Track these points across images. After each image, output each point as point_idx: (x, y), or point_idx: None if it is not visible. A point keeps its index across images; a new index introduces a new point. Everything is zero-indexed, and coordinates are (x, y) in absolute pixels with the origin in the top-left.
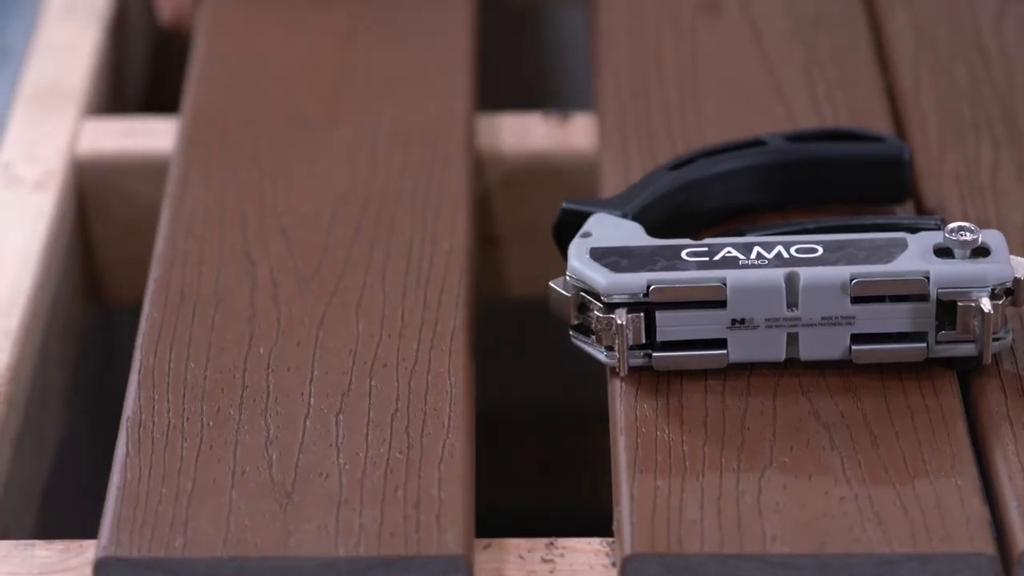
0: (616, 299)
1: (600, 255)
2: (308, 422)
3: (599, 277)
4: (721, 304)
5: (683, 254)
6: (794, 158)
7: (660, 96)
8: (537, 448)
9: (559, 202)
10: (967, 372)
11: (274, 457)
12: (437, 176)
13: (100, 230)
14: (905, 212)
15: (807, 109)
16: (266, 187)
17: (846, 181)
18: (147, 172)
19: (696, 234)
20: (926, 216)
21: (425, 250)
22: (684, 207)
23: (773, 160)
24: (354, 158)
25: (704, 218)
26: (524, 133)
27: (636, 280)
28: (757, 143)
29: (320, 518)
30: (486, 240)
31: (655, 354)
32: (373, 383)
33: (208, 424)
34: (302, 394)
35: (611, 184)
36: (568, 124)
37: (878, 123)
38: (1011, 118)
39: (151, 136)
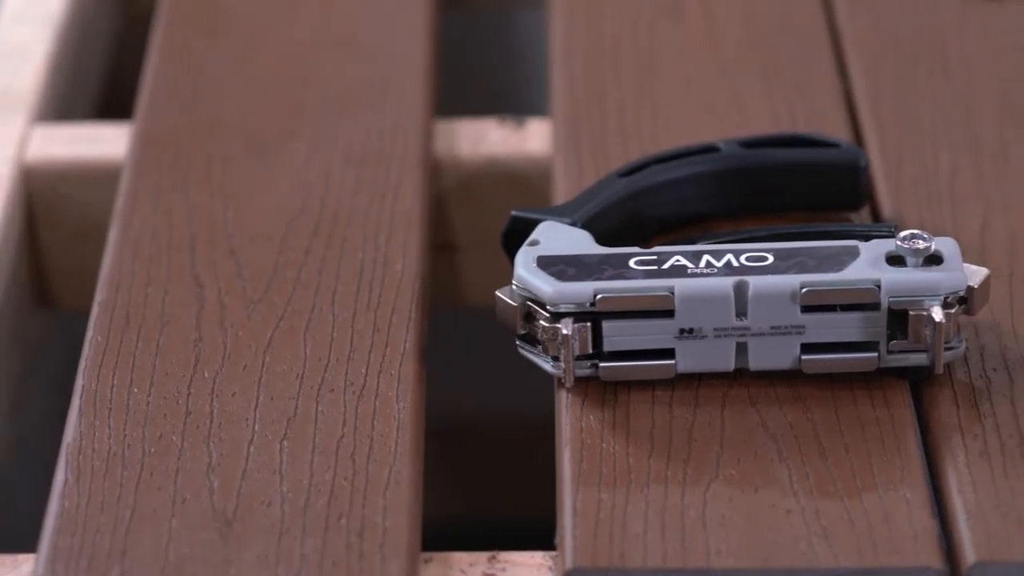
0: (562, 308)
1: (547, 263)
2: (252, 448)
3: (545, 286)
4: (669, 313)
5: (631, 263)
6: (748, 165)
7: (616, 100)
8: (490, 457)
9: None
10: (919, 382)
11: (216, 484)
12: (391, 195)
13: (49, 237)
14: (861, 219)
15: (764, 115)
16: (216, 207)
17: (801, 188)
18: (97, 179)
19: (648, 242)
20: (880, 223)
21: (376, 271)
22: (635, 214)
23: (726, 167)
24: (307, 177)
25: (656, 226)
26: (479, 139)
27: (583, 289)
28: (710, 149)
29: (261, 547)
30: (442, 247)
31: (602, 364)
32: (320, 408)
33: (150, 451)
34: (247, 420)
35: (564, 189)
36: (523, 129)
37: (836, 129)
38: (971, 124)
39: (101, 143)
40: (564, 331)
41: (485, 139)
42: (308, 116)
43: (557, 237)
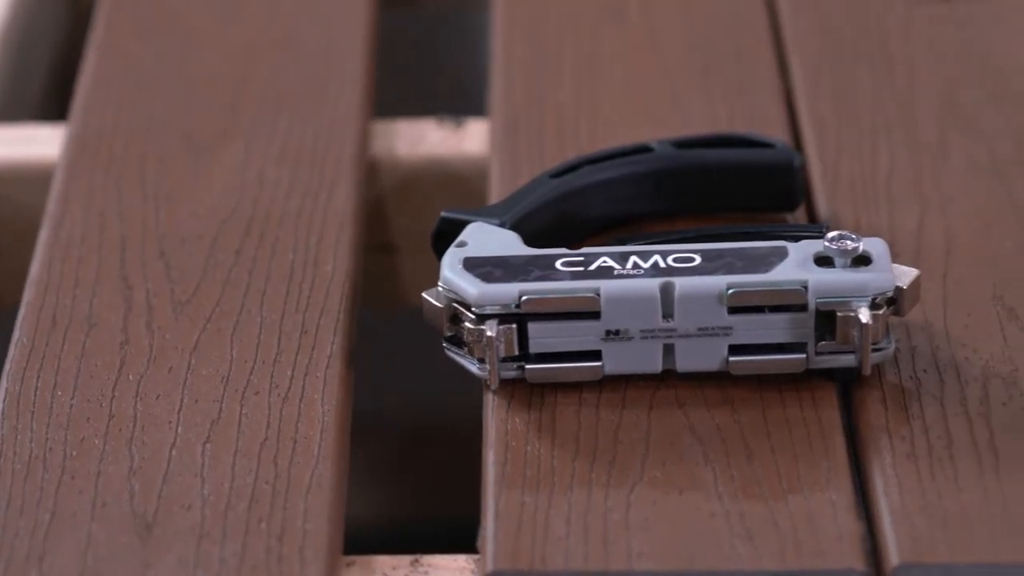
0: (488, 310)
1: (473, 265)
2: (174, 451)
3: (470, 287)
4: (595, 315)
5: (558, 264)
6: (681, 165)
7: (554, 101)
8: (423, 459)
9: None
10: (850, 383)
11: (136, 488)
12: (324, 196)
13: None
14: (797, 220)
15: (703, 115)
16: (149, 208)
17: (736, 188)
18: (35, 181)
19: (580, 243)
20: (813, 224)
21: (307, 273)
22: (567, 216)
23: (659, 167)
24: (242, 178)
25: (588, 227)
26: (418, 139)
27: (508, 290)
28: (643, 150)
29: (180, 551)
30: (382, 248)
31: (528, 366)
32: (244, 411)
33: (71, 454)
34: (170, 422)
35: (499, 191)
36: (462, 130)
37: (775, 129)
38: (911, 124)
39: (39, 144)
40: (488, 333)
41: (424, 140)
42: (245, 116)
43: (485, 238)
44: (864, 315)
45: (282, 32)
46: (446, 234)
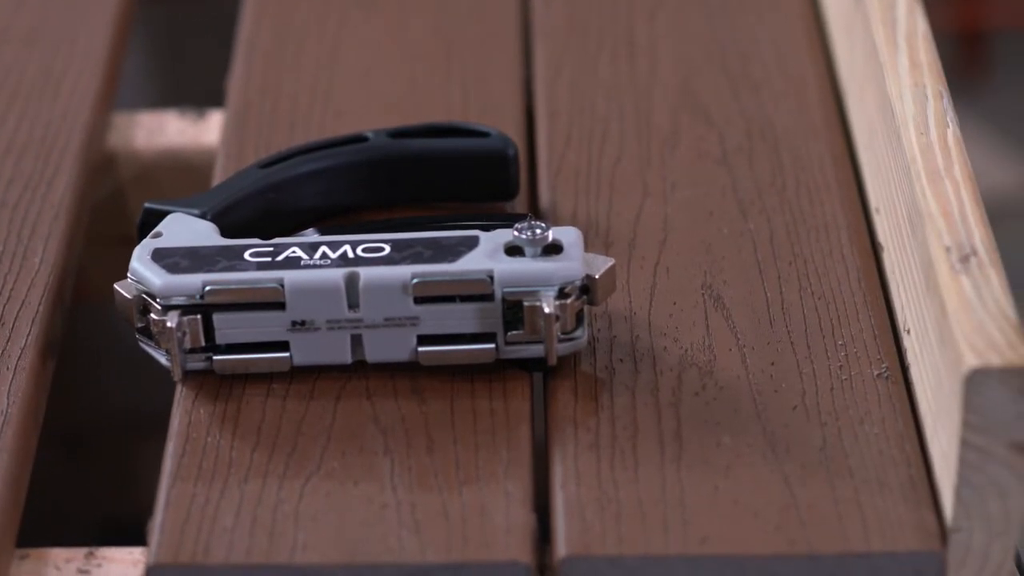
0: (174, 301)
1: (162, 256)
2: None
3: (155, 278)
4: (280, 306)
5: (246, 255)
6: (394, 155)
7: (290, 91)
8: (149, 453)
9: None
10: (546, 374)
11: None
12: (44, 188)
13: None
14: (515, 209)
15: (439, 103)
16: None
17: (452, 178)
18: None
19: (294, 233)
20: (521, 214)
21: (13, 265)
22: (275, 206)
23: (372, 157)
24: None
25: (299, 218)
26: (157, 131)
27: (191, 281)
28: (358, 139)
29: None
30: (122, 241)
31: (215, 357)
32: None
33: None
34: None
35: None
36: (203, 120)
37: (507, 117)
38: (645, 113)
39: None
40: (168, 324)
41: (163, 131)
42: None
43: (181, 229)
44: (547, 305)
45: (26, 26)
46: (151, 225)
